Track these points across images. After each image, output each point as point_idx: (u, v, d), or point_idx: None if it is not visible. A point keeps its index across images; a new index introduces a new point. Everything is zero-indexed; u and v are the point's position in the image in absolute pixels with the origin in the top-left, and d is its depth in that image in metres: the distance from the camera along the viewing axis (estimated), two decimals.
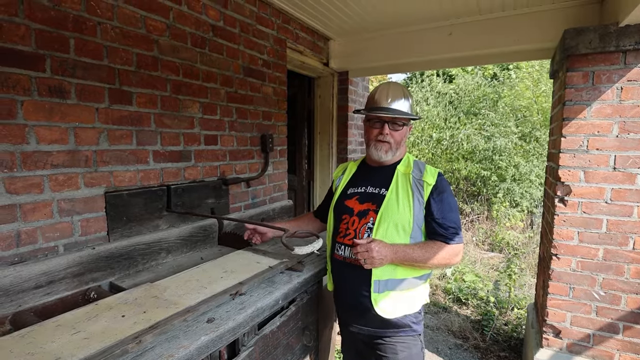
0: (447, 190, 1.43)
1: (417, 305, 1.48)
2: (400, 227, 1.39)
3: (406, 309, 1.45)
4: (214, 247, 2.02)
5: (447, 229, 1.40)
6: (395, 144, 1.47)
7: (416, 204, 1.40)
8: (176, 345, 1.01)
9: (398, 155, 1.51)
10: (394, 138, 1.45)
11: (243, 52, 2.19)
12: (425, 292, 1.54)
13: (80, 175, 1.42)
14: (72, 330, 1.03)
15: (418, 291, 1.48)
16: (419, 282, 1.47)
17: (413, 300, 1.47)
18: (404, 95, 1.46)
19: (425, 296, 1.53)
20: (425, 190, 1.41)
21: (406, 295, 1.45)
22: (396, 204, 1.40)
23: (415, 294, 1.47)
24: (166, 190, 1.78)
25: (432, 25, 2.81)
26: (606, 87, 1.92)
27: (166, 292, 1.29)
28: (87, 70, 1.39)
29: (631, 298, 1.97)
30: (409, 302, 1.46)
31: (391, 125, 1.45)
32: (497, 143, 6.42)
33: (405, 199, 1.41)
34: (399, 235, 1.39)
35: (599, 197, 1.99)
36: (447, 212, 1.40)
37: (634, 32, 1.80)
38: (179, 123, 1.81)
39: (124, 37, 1.51)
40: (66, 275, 1.36)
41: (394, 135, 1.45)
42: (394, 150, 1.47)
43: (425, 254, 1.37)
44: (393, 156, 1.49)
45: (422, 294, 1.51)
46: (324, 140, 3.62)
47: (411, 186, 1.42)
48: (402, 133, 1.48)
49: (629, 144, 1.90)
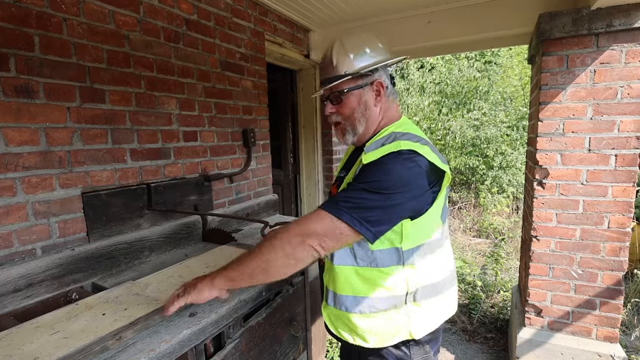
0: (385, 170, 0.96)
1: (380, 339, 1.06)
2: None
3: (361, 340, 1.09)
4: (198, 243, 2.02)
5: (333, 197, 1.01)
6: (345, 120, 1.12)
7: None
8: (158, 339, 1.01)
9: (370, 130, 1.14)
10: (341, 115, 1.12)
11: (219, 45, 2.16)
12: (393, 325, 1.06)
13: (54, 177, 1.39)
14: (51, 330, 1.03)
15: (381, 321, 1.06)
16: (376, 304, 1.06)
17: (371, 332, 1.07)
18: (339, 51, 1.09)
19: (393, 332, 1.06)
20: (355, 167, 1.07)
21: (358, 323, 1.07)
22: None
23: (374, 324, 1.06)
24: (146, 189, 1.76)
25: (411, 14, 2.81)
26: (580, 71, 1.96)
27: (148, 289, 1.29)
28: (55, 69, 1.36)
29: (607, 275, 2.04)
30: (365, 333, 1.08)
31: (333, 99, 1.12)
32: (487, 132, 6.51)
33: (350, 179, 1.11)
34: None
35: (575, 179, 2.05)
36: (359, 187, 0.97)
37: (605, 14, 1.83)
38: (156, 120, 1.79)
39: (93, 34, 1.48)
40: (46, 277, 1.34)
41: (339, 111, 1.12)
42: (350, 129, 1.13)
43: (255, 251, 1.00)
44: (356, 135, 1.14)
45: (390, 325, 1.06)
46: (309, 133, 3.62)
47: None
48: (350, 103, 1.10)
49: (603, 125, 1.95)
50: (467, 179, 7.10)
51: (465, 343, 2.80)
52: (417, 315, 1.07)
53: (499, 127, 6.66)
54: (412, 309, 1.07)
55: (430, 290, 1.09)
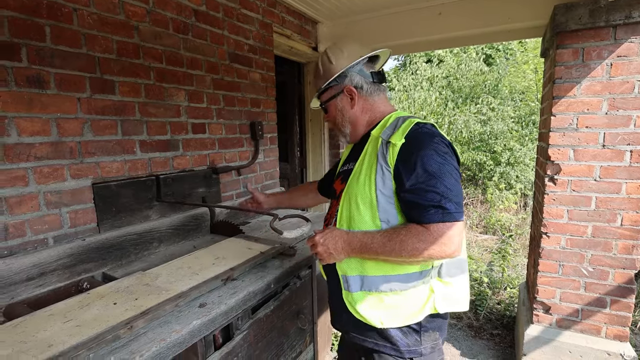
0: (425, 148, 1.00)
1: (403, 316, 1.08)
2: (362, 208, 1.08)
3: (387, 319, 1.09)
4: (206, 235, 2.03)
5: (421, 202, 0.98)
6: (335, 124, 1.25)
7: (379, 175, 1.05)
8: (168, 329, 1.02)
9: (362, 126, 1.22)
10: (331, 120, 1.25)
11: (228, 37, 2.15)
12: (421, 298, 1.09)
13: (65, 167, 1.40)
14: (64, 318, 1.04)
15: (406, 297, 1.08)
16: (405, 284, 1.08)
17: (396, 309, 1.08)
18: (316, 71, 1.23)
19: (422, 305, 1.08)
20: (390, 154, 1.04)
21: (386, 300, 1.09)
22: (357, 178, 1.11)
23: (400, 300, 1.08)
24: (155, 180, 1.77)
25: (422, 5, 2.76)
26: (596, 64, 1.91)
27: (158, 280, 1.30)
28: (66, 59, 1.36)
29: (619, 273, 2.01)
30: (390, 310, 1.09)
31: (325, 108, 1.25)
32: (495, 127, 6.43)
33: (367, 169, 1.09)
34: (362, 218, 1.08)
35: (588, 175, 2.01)
36: (424, 178, 0.98)
37: (623, 5, 1.78)
38: (165, 112, 1.79)
39: (103, 24, 1.48)
40: (57, 267, 1.36)
41: (329, 118, 1.25)
42: (342, 129, 1.23)
43: (388, 243, 1.00)
44: (347, 136, 1.24)
45: (413, 302, 1.08)
46: (316, 127, 3.60)
47: (377, 152, 1.08)
48: (331, 114, 1.23)
49: (618, 120, 1.91)
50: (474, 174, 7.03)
51: (471, 339, 2.80)
52: (442, 290, 1.10)
53: (506, 122, 6.57)
54: (436, 284, 1.10)
55: (454, 266, 1.12)
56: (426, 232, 0.98)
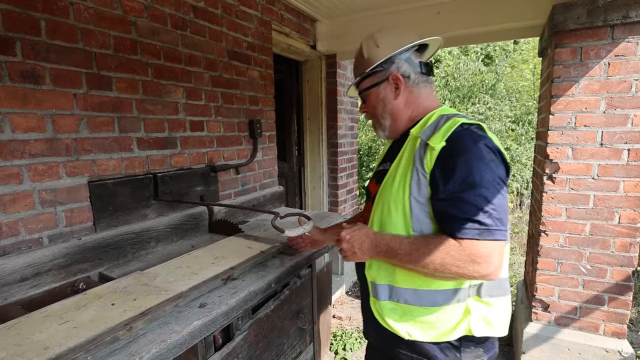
0: (467, 153, 0.89)
1: (433, 333, 1.00)
2: (394, 215, 1.00)
3: (416, 332, 1.02)
4: (205, 234, 2.00)
5: (456, 214, 0.89)
6: (374, 116, 1.15)
7: (414, 180, 0.96)
8: (168, 330, 1.00)
9: (403, 121, 1.11)
10: (370, 111, 1.15)
11: (226, 34, 2.12)
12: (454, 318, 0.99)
13: (61, 165, 1.37)
14: (60, 320, 1.01)
15: (436, 315, 0.99)
16: (436, 300, 0.99)
17: (426, 325, 1.01)
18: (359, 54, 1.14)
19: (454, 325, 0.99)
20: (428, 158, 0.94)
21: (415, 314, 1.02)
22: (392, 181, 1.02)
23: (429, 317, 1.00)
24: (152, 179, 1.74)
25: (420, 4, 2.76)
26: (594, 63, 1.92)
27: (157, 280, 1.27)
28: (62, 54, 1.33)
29: (616, 270, 2.02)
30: (419, 324, 1.02)
31: (362, 99, 1.17)
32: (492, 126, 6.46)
33: (403, 172, 1.00)
34: (394, 225, 1.00)
35: (587, 174, 2.02)
36: (462, 187, 0.89)
37: (621, 5, 1.79)
38: (163, 109, 1.76)
39: (99, 19, 1.45)
40: (52, 267, 1.33)
41: (368, 109, 1.16)
42: (382, 122, 1.13)
43: (415, 252, 0.92)
44: (387, 129, 1.14)
45: (445, 320, 0.99)
46: (314, 125, 3.58)
47: (415, 154, 0.99)
48: (370, 103, 1.14)
49: (616, 119, 1.92)
50: None
51: None
52: (481, 311, 0.99)
53: (503, 121, 6.60)
54: (474, 304, 0.99)
55: (495, 286, 1.00)
56: (458, 248, 0.88)
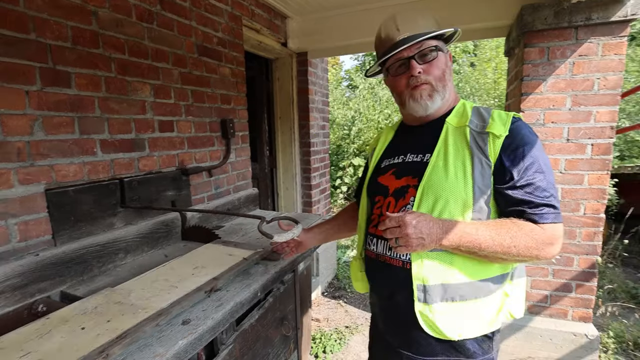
0: (531, 142, 0.94)
1: (479, 326, 0.98)
2: (453, 206, 0.95)
3: (466, 330, 0.98)
4: (178, 242, 1.87)
5: (535, 200, 0.91)
6: (436, 80, 1.03)
7: (477, 169, 0.94)
8: (150, 354, 0.90)
9: (448, 102, 1.08)
10: (431, 74, 1.02)
11: (196, 28, 2.00)
12: (497, 304, 0.99)
13: (12, 171, 1.20)
14: (21, 352, 0.88)
15: (486, 303, 0.98)
16: (488, 289, 0.98)
17: (476, 320, 0.98)
18: (421, 13, 1.05)
19: (497, 311, 0.99)
20: (491, 145, 0.95)
21: (466, 309, 0.97)
22: (444, 173, 0.97)
23: (480, 307, 0.98)
24: (119, 184, 1.59)
25: (393, 2, 2.77)
26: (560, 62, 2.01)
27: (131, 296, 1.15)
28: (11, 46, 1.16)
29: (582, 259, 2.15)
30: (468, 320, 0.98)
31: (419, 58, 1.02)
32: None
33: (458, 162, 0.97)
34: (449, 215, 0.97)
35: (555, 168, 2.12)
36: (535, 175, 0.92)
37: (584, 8, 1.89)
38: (129, 108, 1.61)
39: (54, 7, 1.28)
40: (5, 288, 1.16)
41: (429, 71, 1.02)
42: (441, 91, 1.04)
43: (498, 237, 0.89)
44: (442, 100, 1.05)
45: (491, 308, 0.99)
46: (285, 125, 3.51)
47: (468, 143, 0.97)
48: (440, 63, 1.03)
49: (580, 116, 2.03)
50: None
51: None
52: (513, 293, 1.02)
53: None
54: (509, 287, 1.02)
55: (520, 268, 1.05)
56: (541, 232, 0.91)
